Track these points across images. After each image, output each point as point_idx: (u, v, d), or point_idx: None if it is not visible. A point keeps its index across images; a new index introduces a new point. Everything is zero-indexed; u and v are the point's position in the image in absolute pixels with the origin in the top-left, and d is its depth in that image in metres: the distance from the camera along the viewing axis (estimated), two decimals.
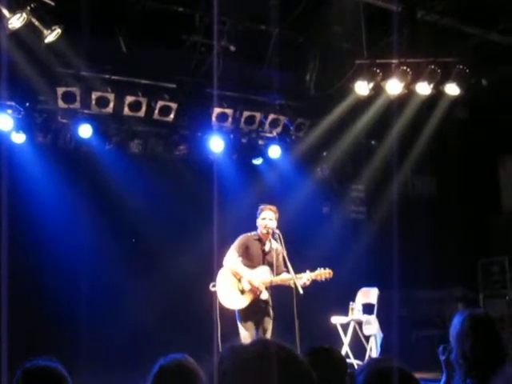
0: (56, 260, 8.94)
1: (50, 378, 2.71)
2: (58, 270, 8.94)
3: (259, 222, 7.21)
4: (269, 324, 7.09)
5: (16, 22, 6.63)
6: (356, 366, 8.60)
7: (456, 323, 3.38)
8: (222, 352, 1.75)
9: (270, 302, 7.15)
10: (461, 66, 8.78)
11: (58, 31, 7.02)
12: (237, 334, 7.05)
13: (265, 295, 7.04)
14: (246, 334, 6.95)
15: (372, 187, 11.28)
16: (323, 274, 7.13)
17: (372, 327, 8.67)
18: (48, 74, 8.26)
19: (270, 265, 7.12)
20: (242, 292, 7.02)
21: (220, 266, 7.18)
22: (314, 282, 7.13)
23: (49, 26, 6.95)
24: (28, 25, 6.77)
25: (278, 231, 7.12)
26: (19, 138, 8.84)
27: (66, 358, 8.01)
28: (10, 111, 8.57)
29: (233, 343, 1.80)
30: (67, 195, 9.18)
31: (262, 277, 7.05)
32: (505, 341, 3.35)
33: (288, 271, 7.02)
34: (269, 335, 7.07)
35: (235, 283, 7.06)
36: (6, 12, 6.55)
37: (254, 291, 6.99)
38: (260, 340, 1.81)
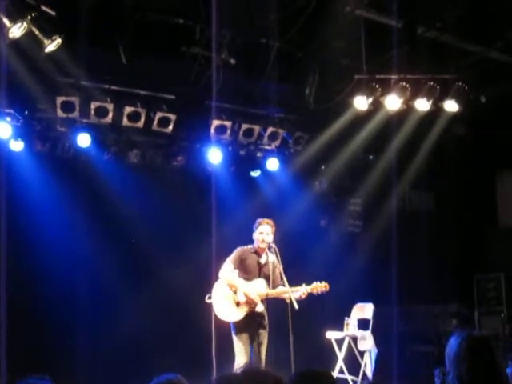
0: (52, 268, 8.90)
1: None
2: (55, 278, 8.91)
3: (256, 235, 7.22)
4: (264, 337, 7.09)
5: (16, 31, 6.64)
6: (350, 382, 8.59)
7: (453, 344, 3.33)
8: (213, 380, 1.77)
9: (266, 316, 7.14)
10: (460, 83, 8.83)
11: (58, 41, 7.03)
12: (232, 346, 7.03)
13: (260, 308, 7.03)
14: (240, 347, 6.94)
15: (369, 201, 11.29)
16: (319, 287, 7.12)
17: (367, 343, 8.65)
18: (47, 83, 8.27)
19: (267, 277, 7.12)
20: (238, 304, 7.02)
21: (216, 277, 7.17)
22: (310, 296, 7.13)
23: (49, 36, 6.97)
24: (28, 34, 6.79)
25: (274, 245, 7.13)
26: (17, 145, 8.82)
27: (62, 368, 8.03)
28: (8, 119, 8.55)
29: (223, 373, 1.82)
30: (65, 203, 9.15)
31: (257, 289, 7.04)
32: (502, 365, 3.32)
33: (284, 285, 7.02)
34: (264, 349, 7.06)
35: (231, 296, 7.06)
36: (6, 21, 6.57)
37: (250, 303, 6.98)
38: (249, 369, 1.82)
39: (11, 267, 7.35)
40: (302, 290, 6.99)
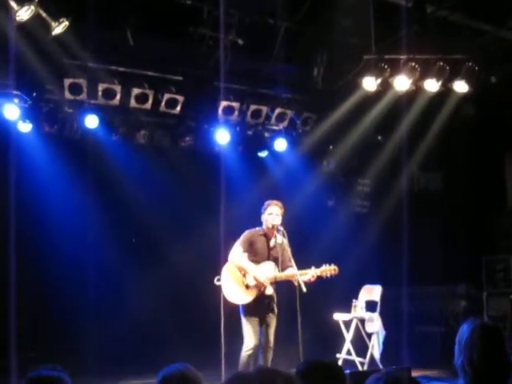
0: (61, 250, 8.97)
1: None
2: (63, 259, 8.97)
3: (265, 217, 7.19)
4: (273, 320, 7.10)
5: (24, 14, 6.62)
6: (358, 363, 8.63)
7: (465, 330, 3.36)
8: (225, 381, 1.77)
9: (275, 298, 7.15)
10: (470, 63, 8.71)
11: (65, 23, 7.02)
12: (241, 328, 7.06)
13: (269, 290, 7.04)
14: (249, 329, 6.95)
15: (378, 182, 11.26)
16: (328, 270, 7.11)
17: (374, 325, 8.66)
18: (55, 66, 8.25)
19: (275, 260, 7.11)
20: (247, 287, 7.02)
21: (225, 259, 7.18)
22: (318, 279, 7.12)
23: (56, 18, 6.95)
24: (36, 17, 6.76)
25: (282, 228, 7.11)
26: (26, 127, 8.85)
27: (69, 353, 8.10)
28: (16, 101, 8.57)
29: (237, 372, 1.82)
30: (73, 184, 9.19)
31: (266, 272, 7.04)
32: (509, 354, 3.35)
33: (293, 267, 7.02)
34: (272, 331, 7.08)
35: (240, 278, 7.06)
36: (14, 4, 6.55)
37: (259, 286, 6.98)
38: (261, 368, 1.82)
39: (19, 250, 7.38)
40: (311, 273, 6.98)
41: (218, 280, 7.10)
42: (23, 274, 7.88)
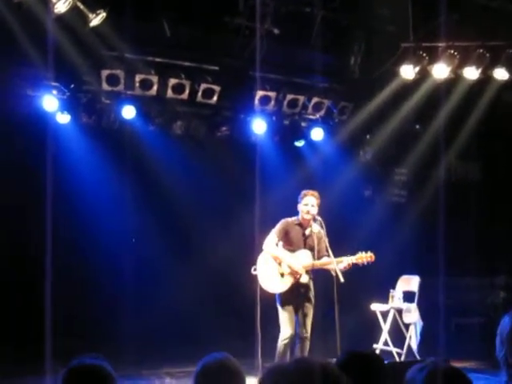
0: (98, 240, 9.08)
1: (96, 377, 2.73)
2: (101, 249, 9.08)
3: (301, 207, 7.16)
4: (309, 309, 7.08)
5: (61, 6, 6.72)
6: (395, 354, 8.59)
7: (507, 322, 3.33)
8: (262, 372, 1.77)
9: (311, 287, 7.13)
10: (510, 50, 8.56)
11: (102, 15, 7.09)
12: (277, 317, 7.07)
13: (305, 279, 7.01)
14: (285, 318, 6.96)
15: (415, 171, 11.14)
16: (364, 257, 7.04)
17: (412, 315, 8.60)
18: (92, 57, 8.33)
19: (311, 249, 7.08)
20: (282, 275, 7.02)
21: (261, 248, 7.19)
22: (355, 268, 7.08)
23: (93, 10, 7.04)
24: (73, 9, 6.84)
25: (319, 218, 7.08)
26: (64, 118, 8.97)
27: (105, 341, 8.20)
28: (55, 92, 8.68)
29: (272, 364, 1.81)
30: (110, 175, 9.29)
31: (302, 260, 7.03)
32: None
33: (329, 256, 6.99)
34: (309, 320, 7.06)
35: (275, 267, 7.06)
36: None
37: (294, 275, 6.98)
38: (300, 360, 1.81)
39: (57, 240, 7.48)
40: (347, 261, 6.94)
41: (255, 270, 7.11)
42: (61, 264, 7.99)
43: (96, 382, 2.73)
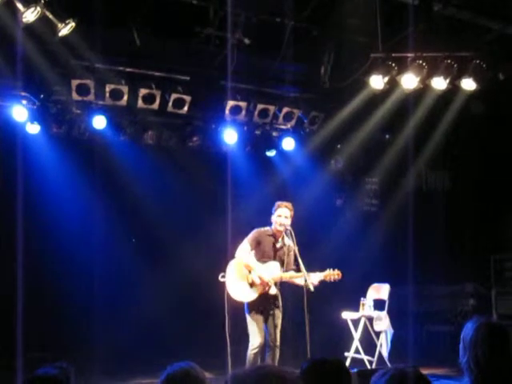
0: (69, 250, 9.03)
1: None
2: (71, 260, 9.03)
3: (274, 218, 7.19)
4: (278, 319, 7.09)
5: (30, 15, 6.63)
6: (366, 362, 8.62)
7: (470, 328, 3.36)
8: (226, 379, 1.78)
9: (279, 298, 7.15)
10: (477, 61, 8.67)
11: (71, 24, 7.02)
12: (246, 325, 7.06)
13: (273, 290, 7.03)
14: (254, 328, 6.95)
15: (386, 180, 11.25)
16: (332, 275, 7.11)
17: (383, 323, 8.65)
18: (62, 67, 8.30)
19: (281, 261, 7.12)
20: (252, 285, 7.03)
21: (232, 258, 7.19)
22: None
23: (62, 20, 6.95)
24: (42, 18, 6.78)
25: (290, 228, 7.11)
26: (34, 128, 8.91)
27: (76, 350, 8.12)
28: (24, 102, 8.63)
29: (236, 370, 1.83)
30: (81, 185, 9.26)
31: (272, 272, 7.05)
32: None
33: (298, 270, 7.03)
34: (278, 329, 7.08)
35: (245, 275, 7.07)
36: (20, 5, 6.56)
37: (264, 285, 6.99)
38: (261, 367, 1.83)
39: (27, 250, 7.43)
40: (315, 277, 6.98)
41: (223, 277, 7.10)
42: (31, 274, 7.92)
43: None
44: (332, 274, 7.10)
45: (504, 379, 3.21)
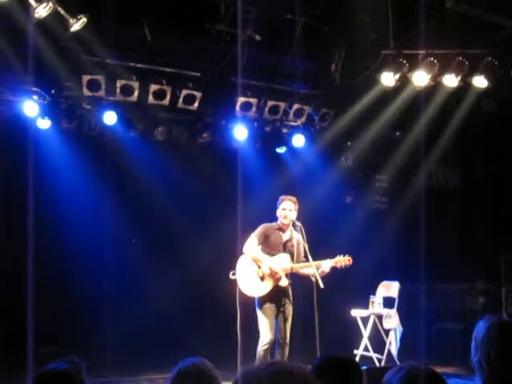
0: (79, 246, 9.05)
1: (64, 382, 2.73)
2: (81, 255, 9.05)
3: (279, 212, 7.19)
4: (289, 313, 7.07)
5: (42, 10, 6.68)
6: (375, 360, 8.61)
7: (482, 327, 3.34)
8: (237, 375, 1.77)
9: (290, 291, 7.13)
10: (489, 58, 8.64)
11: (83, 20, 7.06)
12: (256, 322, 7.06)
13: (284, 282, 7.01)
14: (265, 323, 6.94)
15: (396, 178, 11.21)
16: (342, 261, 7.10)
17: (392, 321, 8.63)
18: (73, 62, 8.32)
19: (290, 253, 7.12)
20: (262, 279, 7.02)
21: (241, 254, 7.19)
22: (336, 273, 7.11)
23: (74, 15, 7.01)
24: (54, 14, 6.81)
25: (299, 223, 7.10)
26: (44, 124, 8.93)
27: (89, 347, 8.15)
28: (35, 97, 8.65)
29: (247, 367, 1.81)
30: (91, 181, 9.27)
31: (281, 263, 7.04)
32: None
33: (307, 261, 7.02)
34: (288, 326, 7.06)
35: (255, 270, 7.06)
36: (32, 1, 6.61)
37: (274, 277, 6.98)
38: (273, 363, 1.81)
39: (37, 246, 7.43)
40: (326, 264, 6.97)
41: (234, 274, 7.11)
42: (42, 270, 7.93)
43: None
44: (343, 260, 7.09)
45: None
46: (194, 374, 2.89)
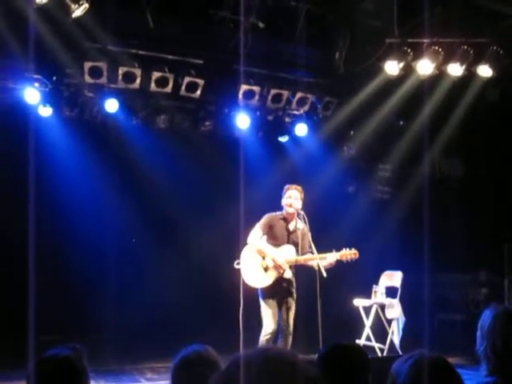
0: (81, 234, 9.02)
1: (66, 369, 2.69)
2: (83, 243, 9.01)
3: (284, 201, 7.13)
4: (292, 304, 7.05)
5: None
6: (377, 350, 8.59)
7: (488, 316, 3.31)
8: (230, 360, 1.71)
9: (294, 282, 7.10)
10: (494, 47, 8.58)
11: (85, 6, 7.01)
12: (260, 313, 7.03)
13: (288, 274, 6.98)
14: (268, 313, 6.91)
15: (399, 167, 11.16)
16: (348, 254, 7.02)
17: (394, 311, 8.61)
18: (75, 49, 8.24)
19: (295, 244, 7.05)
20: (266, 270, 6.98)
21: (245, 243, 7.15)
22: (339, 264, 7.06)
23: (76, 1, 6.93)
24: None
25: (303, 212, 7.05)
26: (46, 111, 8.88)
27: (91, 335, 8.13)
28: (37, 85, 8.59)
29: (237, 355, 1.75)
30: (93, 168, 9.23)
31: (286, 255, 7.00)
32: None
33: (312, 253, 6.97)
34: (292, 315, 7.03)
35: (259, 261, 7.02)
36: None
37: (278, 269, 6.94)
38: (268, 348, 1.76)
39: (38, 234, 7.40)
40: (331, 257, 6.92)
41: (238, 264, 7.06)
42: (42, 258, 7.88)
43: (65, 374, 2.69)
44: (349, 254, 7.01)
45: None
46: (196, 360, 2.87)
